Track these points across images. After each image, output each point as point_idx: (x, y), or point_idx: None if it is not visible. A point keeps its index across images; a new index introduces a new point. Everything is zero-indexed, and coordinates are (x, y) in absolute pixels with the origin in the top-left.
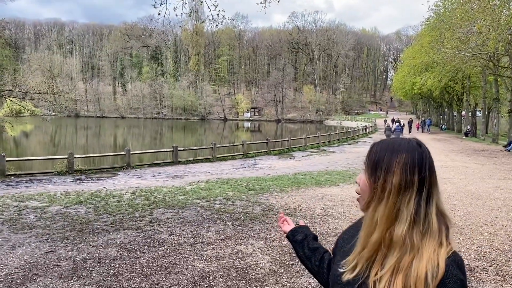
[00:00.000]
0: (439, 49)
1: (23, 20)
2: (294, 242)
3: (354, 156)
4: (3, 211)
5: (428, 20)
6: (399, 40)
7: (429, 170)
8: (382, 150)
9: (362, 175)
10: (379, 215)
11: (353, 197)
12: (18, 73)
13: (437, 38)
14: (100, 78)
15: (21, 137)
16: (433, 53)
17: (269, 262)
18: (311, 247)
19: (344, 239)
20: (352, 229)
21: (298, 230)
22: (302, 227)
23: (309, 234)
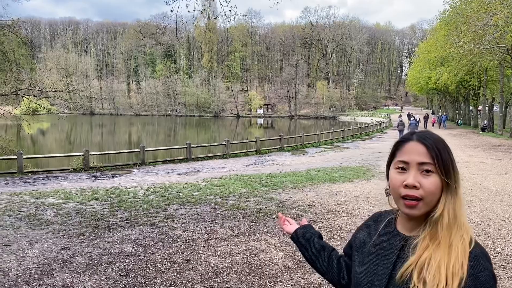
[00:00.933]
0: (455, 42)
1: (39, 19)
2: (300, 243)
3: (368, 152)
4: (21, 207)
5: (444, 14)
6: (414, 34)
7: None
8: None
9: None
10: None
11: (367, 193)
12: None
13: (453, 31)
14: (114, 76)
15: (38, 135)
16: (449, 47)
17: (282, 258)
18: (317, 246)
19: (359, 238)
20: (367, 228)
21: (303, 231)
22: (306, 227)
23: (314, 233)
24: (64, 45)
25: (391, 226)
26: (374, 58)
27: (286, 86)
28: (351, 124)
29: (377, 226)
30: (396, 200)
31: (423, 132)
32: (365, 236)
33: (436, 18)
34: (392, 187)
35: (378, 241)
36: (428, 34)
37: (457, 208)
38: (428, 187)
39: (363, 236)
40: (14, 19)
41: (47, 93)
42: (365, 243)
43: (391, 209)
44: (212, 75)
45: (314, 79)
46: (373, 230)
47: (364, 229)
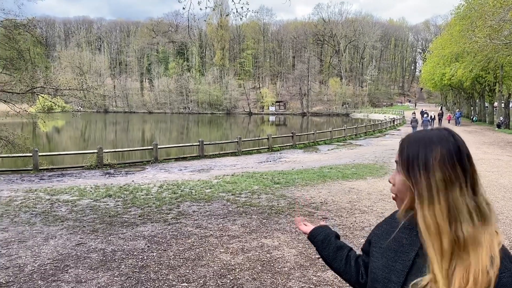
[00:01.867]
0: (470, 38)
1: (53, 19)
2: (316, 243)
3: (381, 149)
4: (37, 204)
5: (458, 9)
6: (428, 30)
7: (468, 159)
8: (414, 145)
9: (396, 174)
10: (439, 218)
11: (380, 191)
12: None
13: (468, 27)
14: (127, 74)
15: (53, 133)
16: (464, 43)
17: (294, 255)
18: (334, 246)
19: (378, 234)
20: (386, 225)
21: (319, 230)
22: (323, 227)
23: (331, 233)
24: (78, 43)
25: (411, 223)
26: (387, 54)
27: (298, 83)
28: (364, 121)
29: (397, 223)
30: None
31: (417, 131)
32: (384, 232)
33: (451, 13)
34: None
35: (397, 238)
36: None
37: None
38: (397, 184)
39: (382, 232)
40: (29, 19)
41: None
42: (383, 239)
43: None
44: (224, 72)
45: (326, 76)
46: (392, 227)
47: (383, 226)
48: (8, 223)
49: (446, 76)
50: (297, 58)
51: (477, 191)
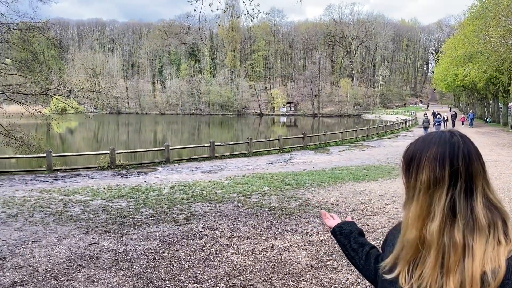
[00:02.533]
0: (483, 38)
1: (67, 21)
2: (339, 238)
3: (393, 150)
4: (50, 204)
5: (472, 9)
6: (441, 30)
7: (465, 160)
8: (415, 147)
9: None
10: (411, 214)
11: (392, 192)
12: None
13: (482, 27)
14: (140, 76)
15: (66, 134)
16: (477, 43)
17: (306, 257)
18: (356, 243)
19: (394, 234)
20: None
21: (343, 226)
22: (348, 223)
23: (354, 229)
24: (91, 45)
25: None
26: (399, 55)
27: (309, 84)
28: (376, 122)
29: None
30: None
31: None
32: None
33: (464, 14)
34: None
35: None
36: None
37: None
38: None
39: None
40: (43, 21)
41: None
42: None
43: None
44: (235, 74)
45: (337, 77)
46: None
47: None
48: (22, 223)
49: (459, 77)
50: (308, 59)
51: (473, 196)
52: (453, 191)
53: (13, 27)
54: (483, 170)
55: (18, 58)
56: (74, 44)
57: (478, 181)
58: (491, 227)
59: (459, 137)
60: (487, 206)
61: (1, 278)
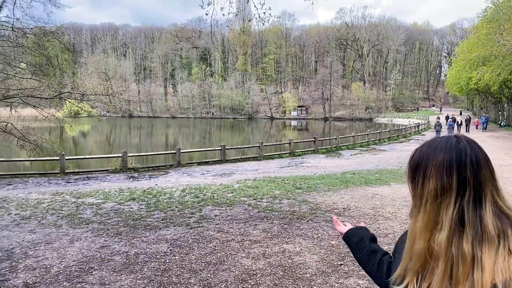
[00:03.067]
0: (497, 41)
1: (80, 25)
2: (351, 244)
3: (406, 154)
4: (63, 207)
5: (485, 12)
6: (454, 33)
7: (473, 168)
8: (421, 153)
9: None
10: (418, 224)
11: (404, 197)
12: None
13: (496, 29)
14: (152, 80)
15: (79, 137)
16: (491, 46)
17: (316, 261)
18: (368, 249)
19: (404, 240)
20: None
21: (355, 232)
22: (360, 228)
23: (366, 235)
24: (104, 50)
25: None
26: (412, 58)
27: (320, 87)
28: (388, 126)
29: None
30: None
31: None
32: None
33: (477, 16)
34: None
35: None
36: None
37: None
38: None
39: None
40: (57, 26)
41: (88, 97)
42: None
43: None
44: (247, 77)
45: (349, 80)
46: None
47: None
48: (35, 225)
49: (473, 80)
50: (319, 63)
51: (481, 204)
52: (461, 200)
53: (28, 31)
54: (492, 176)
55: (32, 62)
56: (87, 48)
57: (487, 188)
58: (501, 236)
59: (465, 143)
60: (496, 214)
61: (14, 279)
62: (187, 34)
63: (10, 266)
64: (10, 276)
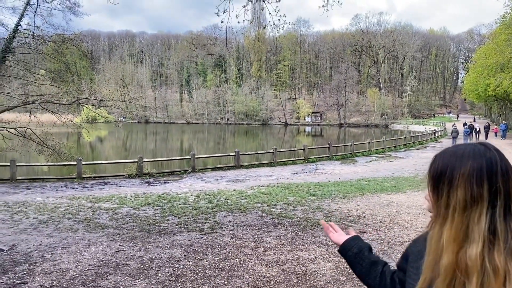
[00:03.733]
0: None
1: (98, 33)
2: (349, 257)
3: (422, 161)
4: (79, 211)
5: (504, 17)
6: (471, 39)
7: (503, 177)
8: (444, 161)
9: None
10: (446, 236)
11: (420, 205)
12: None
13: None
14: (167, 86)
15: (96, 142)
16: (510, 52)
17: (331, 269)
18: (368, 261)
19: (414, 253)
20: (424, 241)
21: (352, 243)
22: (355, 239)
23: (364, 246)
24: (121, 56)
25: None
26: (428, 64)
27: (335, 93)
28: (404, 132)
29: None
30: None
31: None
32: (422, 250)
33: (496, 22)
34: None
35: None
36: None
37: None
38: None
39: (420, 250)
40: (76, 33)
41: (105, 103)
42: (421, 258)
43: None
44: (261, 83)
45: (364, 87)
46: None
47: (421, 242)
48: (53, 229)
49: (491, 86)
50: (334, 69)
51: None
52: (492, 211)
53: (47, 39)
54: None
55: (51, 69)
56: (105, 55)
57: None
58: None
59: (494, 151)
60: None
61: (31, 282)
62: (203, 41)
63: (28, 269)
64: (28, 279)
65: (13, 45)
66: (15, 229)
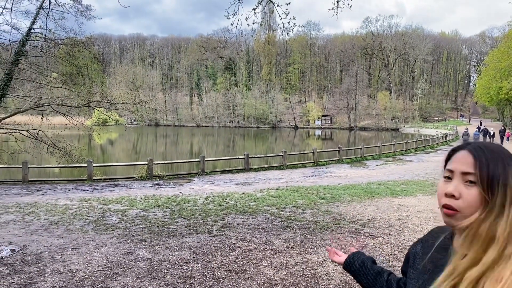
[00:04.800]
0: None
1: (109, 36)
2: (353, 271)
3: (433, 165)
4: (89, 213)
5: None
6: (483, 42)
7: None
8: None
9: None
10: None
11: (431, 209)
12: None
13: None
14: (178, 89)
15: (106, 145)
16: None
17: (340, 273)
18: (372, 272)
19: (415, 254)
20: (423, 243)
21: (354, 257)
22: (357, 254)
23: (366, 258)
24: (132, 60)
25: (447, 243)
26: (439, 67)
27: (345, 97)
28: (415, 136)
29: (434, 241)
30: (440, 210)
31: (479, 143)
32: (421, 252)
33: (508, 25)
34: (437, 196)
35: (433, 258)
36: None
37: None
38: (466, 198)
39: (419, 251)
40: (87, 37)
41: (116, 105)
42: (420, 259)
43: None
44: (271, 87)
45: (375, 90)
46: (429, 246)
47: (420, 244)
48: (63, 230)
49: (503, 90)
50: (344, 72)
51: None
52: None
53: (59, 42)
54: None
55: (63, 72)
56: (116, 58)
57: None
58: None
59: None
60: None
61: (42, 283)
62: (213, 44)
63: (38, 270)
64: (38, 280)
65: (26, 48)
66: (26, 230)
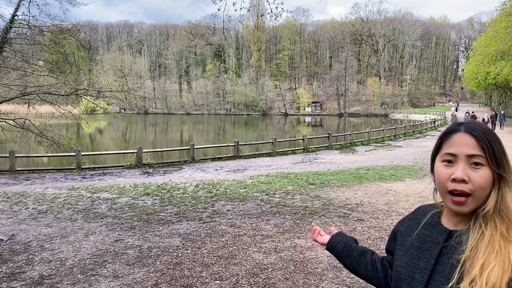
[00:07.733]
0: None
1: (96, 23)
2: (337, 252)
3: (421, 150)
4: (78, 201)
5: (504, 5)
6: (472, 27)
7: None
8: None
9: (469, 171)
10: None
11: (419, 193)
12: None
13: None
14: (166, 76)
15: (95, 133)
16: (510, 40)
17: (328, 256)
18: (356, 252)
19: (401, 231)
20: (409, 221)
21: (337, 238)
22: (339, 234)
23: (349, 239)
24: (120, 47)
25: (435, 220)
26: (428, 53)
27: (335, 83)
28: (404, 121)
29: (421, 219)
30: (443, 195)
31: (471, 123)
32: (407, 229)
33: (496, 10)
34: (438, 181)
35: (420, 235)
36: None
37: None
38: (478, 181)
39: (406, 229)
40: (73, 23)
41: (104, 93)
42: (407, 236)
43: (435, 203)
44: (261, 73)
45: (364, 76)
46: (416, 223)
47: (406, 222)
48: (52, 219)
49: (491, 75)
50: (334, 58)
51: None
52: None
53: (45, 29)
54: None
55: (49, 59)
56: (103, 46)
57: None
58: None
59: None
60: None
61: (30, 271)
62: (201, 31)
63: (27, 259)
64: (27, 268)
65: (10, 36)
66: (14, 219)
